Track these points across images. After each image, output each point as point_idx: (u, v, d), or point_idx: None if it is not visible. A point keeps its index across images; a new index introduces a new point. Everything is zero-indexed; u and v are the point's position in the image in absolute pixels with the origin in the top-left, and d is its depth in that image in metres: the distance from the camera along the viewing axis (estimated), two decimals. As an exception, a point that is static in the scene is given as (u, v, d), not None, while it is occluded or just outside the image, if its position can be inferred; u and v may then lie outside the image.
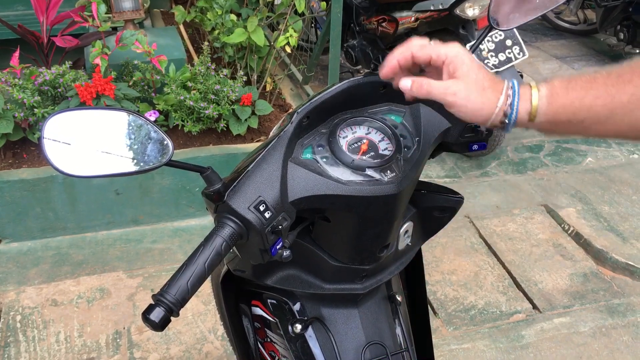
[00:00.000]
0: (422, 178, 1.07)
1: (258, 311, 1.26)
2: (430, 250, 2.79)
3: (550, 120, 0.80)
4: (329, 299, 1.12)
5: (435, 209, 1.15)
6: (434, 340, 1.38)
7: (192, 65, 2.97)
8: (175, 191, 2.82)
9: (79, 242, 2.78)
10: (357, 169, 0.93)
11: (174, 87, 2.76)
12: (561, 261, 2.77)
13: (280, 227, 0.87)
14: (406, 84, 0.85)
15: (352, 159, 0.93)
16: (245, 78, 2.98)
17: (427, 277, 2.63)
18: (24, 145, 2.79)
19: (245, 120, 2.84)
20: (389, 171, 0.94)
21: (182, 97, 2.71)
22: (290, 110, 0.99)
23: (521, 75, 3.15)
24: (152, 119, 2.78)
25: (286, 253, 0.92)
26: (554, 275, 2.68)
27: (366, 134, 0.98)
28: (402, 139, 0.98)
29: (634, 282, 2.66)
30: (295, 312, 1.16)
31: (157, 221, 2.85)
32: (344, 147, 0.95)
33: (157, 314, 0.78)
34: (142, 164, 0.81)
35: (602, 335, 2.38)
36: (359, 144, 0.96)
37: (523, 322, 2.43)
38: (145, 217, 2.82)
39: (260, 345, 1.31)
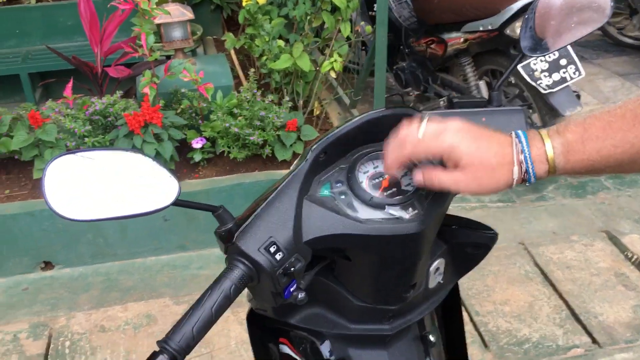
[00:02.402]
0: (465, 205, 1.01)
1: (286, 349, 1.21)
2: (482, 278, 2.68)
3: (570, 172, 0.78)
4: (357, 340, 1.07)
5: (468, 245, 1.08)
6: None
7: (239, 91, 2.99)
8: (221, 217, 2.82)
9: (129, 267, 2.82)
10: (376, 206, 0.88)
11: (220, 114, 2.78)
12: (624, 292, 2.60)
13: (292, 269, 0.83)
14: (418, 178, 0.84)
15: (371, 196, 0.88)
16: (291, 103, 2.97)
17: (478, 307, 2.52)
18: (77, 173, 2.87)
19: (291, 145, 2.83)
20: (410, 208, 0.88)
21: (227, 124, 2.73)
22: (310, 146, 0.96)
23: (578, 96, 3.02)
24: (199, 145, 2.81)
25: (301, 295, 0.87)
26: (615, 307, 2.51)
27: None
28: None
29: None
30: (323, 353, 1.11)
31: (203, 247, 2.86)
32: (364, 184, 0.90)
33: None
34: (147, 205, 0.79)
35: (670, 374, 2.21)
36: (380, 179, 0.91)
37: (582, 358, 2.28)
38: (191, 243, 2.84)
39: (288, 386, 1.26)
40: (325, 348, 1.10)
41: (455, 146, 0.77)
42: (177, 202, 0.81)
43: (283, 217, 0.84)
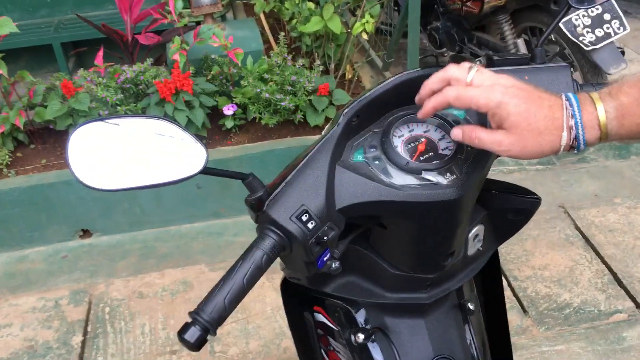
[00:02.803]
0: (503, 168, 0.97)
1: (320, 318, 1.20)
2: (520, 243, 2.62)
3: (623, 138, 0.73)
4: (393, 308, 1.04)
5: (509, 211, 1.03)
6: (523, 342, 1.26)
7: (270, 56, 2.94)
8: (254, 184, 2.81)
9: (164, 235, 2.85)
10: (412, 172, 0.83)
11: (250, 80, 2.74)
12: (670, 255, 2.51)
13: (325, 237, 0.80)
14: (456, 134, 0.80)
15: (407, 161, 0.84)
16: (322, 67, 2.91)
17: (516, 273, 2.47)
18: (111, 142, 2.88)
19: (323, 110, 2.78)
20: (448, 173, 0.84)
21: (258, 90, 2.69)
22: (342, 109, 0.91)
23: (622, 53, 2.87)
24: (230, 112, 2.78)
25: (335, 265, 0.85)
26: (661, 271, 2.44)
27: (424, 132, 0.88)
28: None
29: None
30: (358, 321, 1.09)
31: (237, 214, 2.86)
32: (399, 148, 0.86)
33: (192, 334, 0.73)
34: (175, 173, 0.77)
35: None
36: (416, 143, 0.87)
37: (625, 323, 2.22)
38: (226, 210, 2.84)
39: (324, 354, 1.24)
40: (360, 316, 1.08)
41: (505, 103, 0.73)
42: (206, 170, 0.78)
43: (315, 184, 0.81)
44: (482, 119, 0.91)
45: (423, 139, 0.87)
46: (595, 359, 2.09)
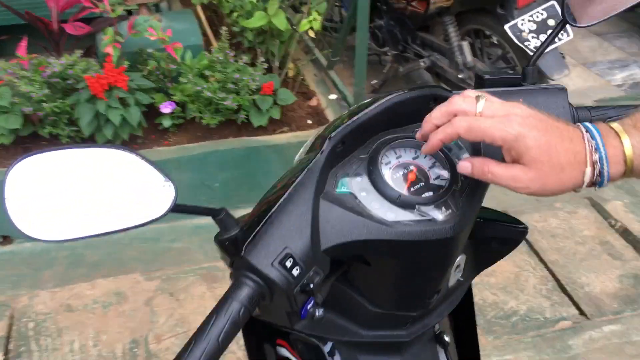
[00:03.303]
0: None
1: (284, 352, 1.09)
2: (466, 249, 2.60)
3: None
4: (368, 346, 0.95)
5: (494, 240, 0.96)
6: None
7: (210, 51, 2.79)
8: (193, 187, 2.66)
9: (95, 241, 2.64)
10: (404, 206, 0.74)
11: (190, 77, 2.58)
12: (609, 261, 2.56)
13: (311, 285, 0.69)
14: (465, 167, 0.71)
15: (399, 195, 0.74)
16: (266, 65, 2.79)
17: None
18: (36, 141, 2.64)
19: (267, 110, 2.66)
20: (444, 207, 0.75)
21: (199, 88, 2.53)
22: (321, 132, 0.81)
23: (563, 57, 2.91)
24: (168, 110, 2.61)
25: (319, 312, 0.74)
26: (602, 276, 2.47)
27: (413, 158, 0.79)
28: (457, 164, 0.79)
29: (690, 285, 2.44)
30: (327, 358, 0.99)
31: (175, 219, 2.69)
32: (388, 177, 0.76)
33: None
34: (138, 215, 0.64)
35: (657, 346, 2.18)
36: (406, 171, 0.78)
37: (570, 330, 2.24)
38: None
39: (286, 391, 1.14)
40: (331, 354, 0.99)
41: (523, 136, 0.65)
42: (176, 208, 0.66)
43: (298, 223, 0.70)
44: (475, 144, 0.83)
45: (413, 167, 0.78)
46: (543, 368, 2.09)
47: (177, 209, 0.67)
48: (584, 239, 2.67)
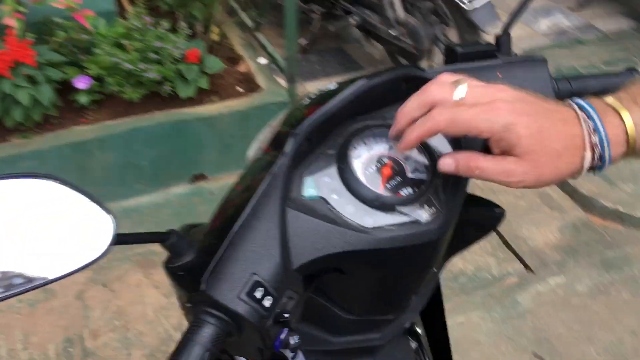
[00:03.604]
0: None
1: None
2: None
3: None
4: (338, 352, 0.86)
5: (469, 224, 0.88)
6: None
7: (125, 17, 2.56)
8: (120, 167, 2.47)
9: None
10: (383, 208, 0.64)
11: (105, 47, 2.36)
12: (549, 213, 2.58)
13: (286, 314, 0.58)
14: (448, 165, 0.61)
15: (376, 195, 0.64)
16: (188, 31, 2.59)
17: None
18: None
19: (194, 80, 2.47)
20: (426, 206, 0.65)
21: (116, 59, 2.32)
22: (279, 125, 0.68)
23: (494, 8, 2.86)
24: (84, 86, 2.39)
25: (294, 341, 0.64)
26: (543, 229, 2.50)
27: (386, 149, 0.69)
28: (437, 153, 0.69)
29: (626, 231, 2.50)
30: None
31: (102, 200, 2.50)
32: (360, 175, 0.66)
33: None
34: (73, 259, 0.51)
35: (600, 294, 2.22)
36: (379, 165, 0.67)
37: (517, 286, 2.25)
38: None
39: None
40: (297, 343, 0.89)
41: (513, 125, 0.56)
42: (116, 242, 0.53)
43: (266, 242, 0.59)
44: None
45: (387, 160, 0.68)
46: (494, 328, 2.09)
47: (119, 241, 0.55)
48: (523, 193, 2.68)
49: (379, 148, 0.68)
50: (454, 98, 0.58)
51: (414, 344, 0.95)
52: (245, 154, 0.81)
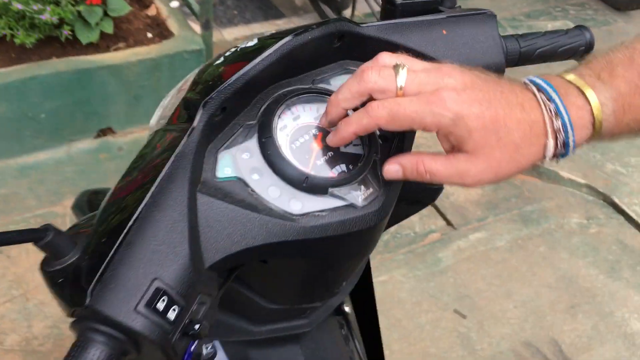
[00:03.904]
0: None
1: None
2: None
3: (616, 137, 0.53)
4: (261, 341, 0.77)
5: (404, 200, 0.79)
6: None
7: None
8: (14, 120, 2.22)
9: None
10: (313, 191, 0.53)
11: (-9, -16, 2.08)
12: (470, 168, 2.58)
13: (197, 326, 0.47)
14: (395, 173, 0.54)
15: (305, 176, 0.53)
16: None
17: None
18: None
19: (97, 24, 2.24)
20: (363, 187, 0.55)
21: (5, -2, 2.05)
22: (186, 88, 0.56)
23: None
24: (-32, 27, 2.10)
25: (208, 349, 0.53)
26: (464, 184, 2.49)
27: (315, 118, 0.58)
28: None
29: (543, 185, 2.54)
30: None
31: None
32: (286, 150, 0.54)
33: None
34: None
35: (519, 249, 2.25)
36: (307, 137, 0.56)
37: (439, 243, 2.24)
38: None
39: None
40: (213, 353, 0.79)
41: (462, 117, 0.48)
42: None
43: (170, 237, 0.46)
44: None
45: (317, 132, 0.57)
46: (417, 285, 2.08)
47: None
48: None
49: (308, 117, 0.57)
50: (397, 85, 0.50)
51: (341, 323, 0.88)
52: (156, 106, 0.69)
